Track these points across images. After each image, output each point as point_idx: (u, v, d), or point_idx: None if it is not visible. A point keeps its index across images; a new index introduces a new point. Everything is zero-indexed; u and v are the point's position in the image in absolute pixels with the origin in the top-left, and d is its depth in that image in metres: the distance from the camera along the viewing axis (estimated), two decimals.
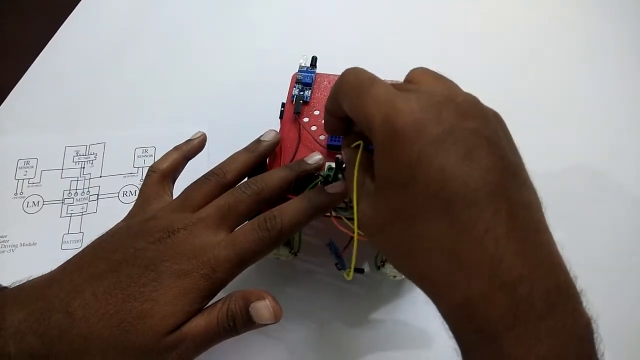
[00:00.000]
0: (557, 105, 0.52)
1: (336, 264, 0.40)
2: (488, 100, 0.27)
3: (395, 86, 0.28)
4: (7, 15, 0.61)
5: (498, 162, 0.24)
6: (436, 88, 0.28)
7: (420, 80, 0.29)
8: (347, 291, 0.42)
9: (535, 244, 0.24)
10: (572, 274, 0.25)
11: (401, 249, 0.27)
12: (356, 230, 0.29)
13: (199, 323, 0.30)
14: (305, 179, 0.37)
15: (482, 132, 0.25)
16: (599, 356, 0.24)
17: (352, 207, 0.29)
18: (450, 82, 0.30)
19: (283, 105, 0.42)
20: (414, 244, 0.25)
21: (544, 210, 0.26)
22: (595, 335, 0.24)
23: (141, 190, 0.37)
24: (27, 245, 0.45)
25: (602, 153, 0.50)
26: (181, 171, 0.39)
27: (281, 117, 0.41)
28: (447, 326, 0.26)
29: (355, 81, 0.29)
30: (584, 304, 0.24)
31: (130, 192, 0.48)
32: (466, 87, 0.29)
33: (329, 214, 0.36)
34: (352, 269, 0.32)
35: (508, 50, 0.56)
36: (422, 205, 0.25)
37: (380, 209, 0.27)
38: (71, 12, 0.59)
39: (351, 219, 0.31)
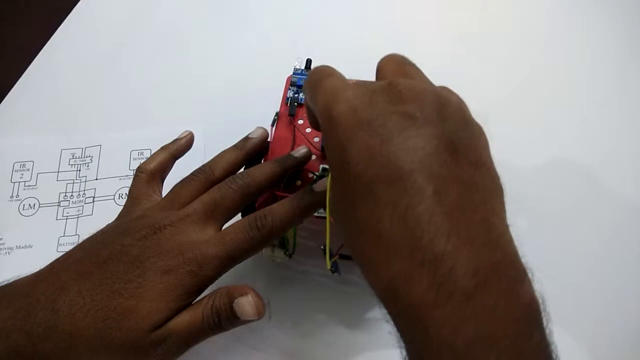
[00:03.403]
0: (555, 105, 0.52)
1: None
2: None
3: (353, 81, 0.29)
4: (4, 18, 0.62)
5: (431, 140, 0.24)
6: (380, 81, 0.28)
7: (383, 69, 0.30)
8: (342, 292, 0.41)
9: (469, 221, 0.22)
10: (519, 253, 0.23)
11: (346, 231, 0.26)
12: (328, 216, 0.30)
13: (184, 319, 0.29)
14: (295, 176, 0.37)
15: (415, 114, 0.24)
16: (546, 334, 0.22)
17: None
18: (411, 68, 0.29)
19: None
20: (352, 225, 0.25)
21: (502, 193, 0.25)
22: (542, 315, 0.22)
23: (130, 191, 0.37)
24: (23, 247, 0.45)
25: (599, 152, 0.49)
26: (169, 170, 0.38)
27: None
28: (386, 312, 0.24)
29: (316, 76, 0.30)
30: (528, 283, 0.22)
31: (126, 194, 0.46)
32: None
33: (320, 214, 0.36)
34: (327, 257, 0.32)
35: (507, 50, 0.56)
36: (353, 186, 0.24)
37: (333, 193, 0.28)
38: (67, 15, 0.60)
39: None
